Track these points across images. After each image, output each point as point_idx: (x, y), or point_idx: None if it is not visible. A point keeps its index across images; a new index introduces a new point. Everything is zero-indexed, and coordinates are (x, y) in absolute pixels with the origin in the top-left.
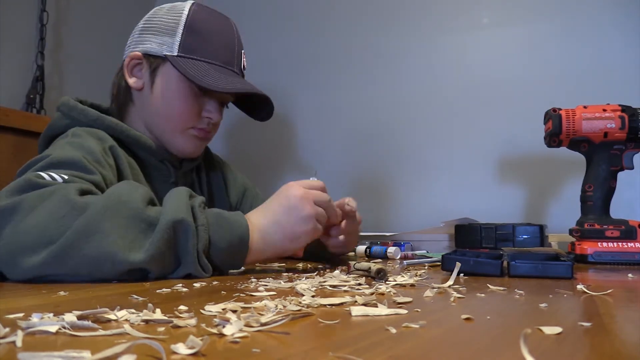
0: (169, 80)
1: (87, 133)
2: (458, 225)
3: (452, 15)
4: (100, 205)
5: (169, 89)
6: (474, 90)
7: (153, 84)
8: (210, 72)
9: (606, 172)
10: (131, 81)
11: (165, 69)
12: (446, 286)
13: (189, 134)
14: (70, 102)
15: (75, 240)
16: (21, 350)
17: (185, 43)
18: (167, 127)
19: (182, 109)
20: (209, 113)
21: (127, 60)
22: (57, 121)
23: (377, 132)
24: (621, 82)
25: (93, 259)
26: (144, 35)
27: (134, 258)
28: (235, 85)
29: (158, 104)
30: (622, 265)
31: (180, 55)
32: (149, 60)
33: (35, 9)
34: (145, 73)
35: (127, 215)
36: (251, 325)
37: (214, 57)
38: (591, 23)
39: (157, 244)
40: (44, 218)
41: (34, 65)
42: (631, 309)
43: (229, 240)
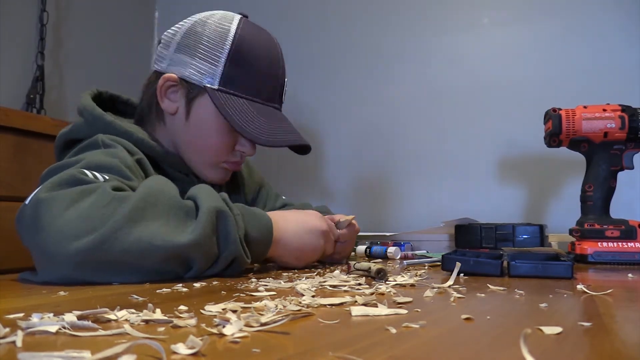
0: (206, 112)
1: (117, 142)
2: (458, 225)
3: (452, 15)
4: (140, 195)
5: (206, 121)
6: (473, 90)
7: (189, 113)
8: (252, 116)
9: (606, 172)
10: (164, 105)
11: (204, 101)
12: (446, 286)
13: (220, 167)
14: (96, 111)
15: (120, 226)
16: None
17: (227, 74)
18: (199, 158)
19: (218, 145)
20: (242, 147)
21: (161, 81)
22: (80, 128)
23: (377, 132)
24: (621, 82)
25: (140, 243)
26: (183, 56)
27: (180, 240)
28: (279, 138)
29: (192, 135)
30: (622, 265)
31: (221, 89)
32: (186, 87)
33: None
34: (182, 99)
35: (166, 203)
36: (251, 325)
37: (257, 93)
38: (591, 23)
39: (202, 227)
40: (87, 208)
41: (34, 65)
42: (631, 309)
43: (259, 230)
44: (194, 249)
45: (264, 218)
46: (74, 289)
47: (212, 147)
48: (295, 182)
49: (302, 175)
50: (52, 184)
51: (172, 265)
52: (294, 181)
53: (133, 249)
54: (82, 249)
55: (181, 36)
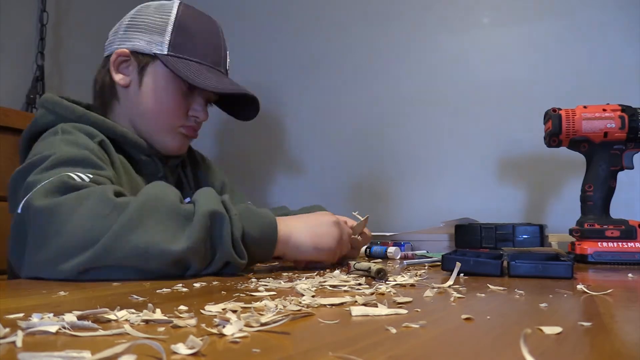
0: (158, 78)
1: (76, 129)
2: (458, 225)
3: (452, 15)
4: (139, 203)
5: (158, 87)
6: (474, 90)
7: (141, 81)
8: (201, 71)
9: (606, 172)
10: (117, 78)
11: (155, 68)
12: (446, 286)
13: (176, 132)
14: (55, 98)
15: (120, 234)
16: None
17: (175, 42)
18: (156, 125)
19: (172, 108)
20: (195, 112)
21: (114, 57)
22: (41, 118)
23: (377, 132)
24: (621, 82)
25: (139, 250)
26: (131, 33)
27: (176, 247)
28: (227, 87)
29: (146, 102)
30: (622, 265)
31: (170, 54)
32: (137, 58)
33: (35, 9)
34: (133, 71)
35: (164, 211)
36: (251, 325)
37: (203, 57)
38: (591, 23)
39: (196, 233)
40: (88, 218)
41: (34, 65)
42: (631, 309)
43: (260, 229)
44: (189, 253)
45: (267, 217)
46: (74, 289)
47: (167, 111)
48: (295, 182)
49: (302, 175)
50: (45, 190)
51: (170, 268)
52: (293, 181)
53: (131, 256)
54: (83, 261)
55: (128, 20)
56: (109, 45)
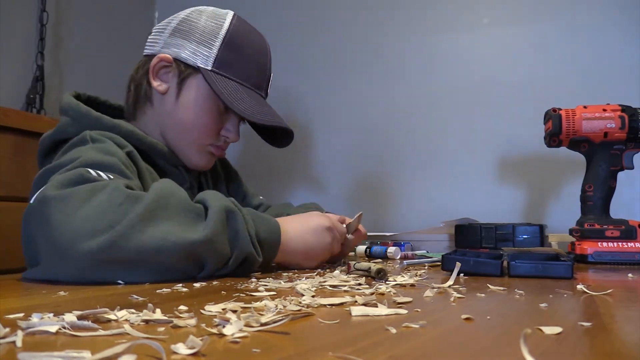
0: (197, 92)
1: (106, 137)
2: (458, 225)
3: (452, 15)
4: (154, 195)
5: (196, 102)
6: (474, 90)
7: (180, 92)
8: (242, 96)
9: (606, 172)
10: (155, 84)
11: (196, 81)
12: (446, 286)
13: (205, 151)
14: (82, 108)
15: (134, 224)
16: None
17: (221, 57)
18: (186, 139)
19: (206, 125)
20: (228, 132)
21: (155, 60)
22: (67, 127)
23: (377, 131)
24: (621, 82)
25: (154, 240)
26: (177, 39)
27: (193, 237)
28: (267, 118)
29: (181, 115)
30: (622, 265)
31: (214, 71)
32: (180, 68)
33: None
34: (173, 79)
35: (177, 206)
36: (251, 325)
37: (247, 79)
38: (591, 23)
39: (213, 225)
40: (101, 206)
41: (34, 65)
42: (631, 309)
43: (268, 232)
44: (207, 246)
45: (271, 220)
46: (74, 289)
47: (200, 127)
48: (295, 182)
49: (302, 175)
50: (59, 182)
51: (185, 263)
52: (293, 181)
53: (147, 247)
54: (96, 248)
55: (177, 23)
56: (152, 44)
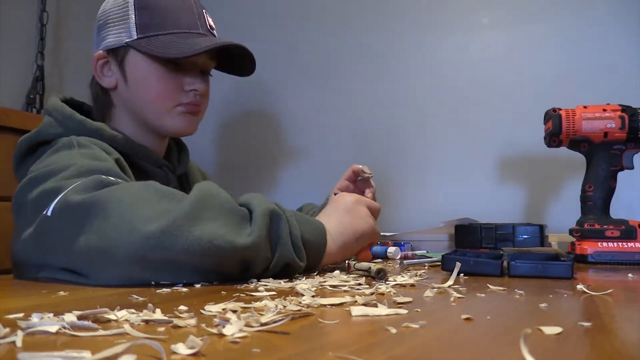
0: (138, 65)
1: (92, 143)
2: (458, 225)
3: (452, 15)
4: (194, 195)
5: (141, 74)
6: (474, 90)
7: (125, 76)
8: (174, 42)
9: (606, 172)
10: (105, 82)
11: (131, 56)
12: (446, 286)
13: (176, 112)
14: (66, 110)
15: (181, 223)
16: (21, 350)
17: (140, 23)
18: (153, 112)
19: (161, 89)
20: (191, 85)
21: (94, 62)
22: (49, 128)
23: (377, 131)
24: (621, 82)
25: (201, 242)
26: (102, 33)
27: (240, 241)
28: (201, 45)
29: (137, 93)
30: (622, 265)
31: (140, 37)
32: (114, 55)
33: (35, 9)
34: (115, 68)
35: (220, 207)
36: (251, 325)
37: (175, 26)
38: (591, 23)
39: (259, 229)
40: (137, 204)
41: (34, 65)
42: (631, 309)
43: (313, 234)
44: (253, 251)
45: (316, 222)
46: (74, 289)
47: (159, 94)
48: (295, 182)
49: (301, 174)
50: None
51: (231, 266)
52: (293, 181)
53: (194, 248)
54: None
55: (97, 22)
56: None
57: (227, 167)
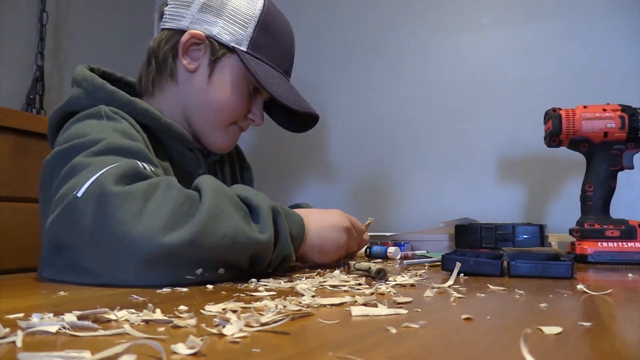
0: (232, 73)
1: (120, 116)
2: (458, 225)
3: (452, 14)
4: (208, 192)
5: (230, 82)
6: (473, 90)
7: (212, 72)
8: (277, 80)
9: (606, 172)
10: (185, 61)
11: (230, 61)
12: (446, 286)
13: (230, 129)
14: (96, 80)
15: (207, 220)
16: (21, 350)
17: (256, 39)
18: (213, 119)
19: (237, 106)
20: (254, 115)
21: (187, 37)
22: (78, 99)
23: (377, 131)
24: (621, 82)
25: (226, 239)
26: (207, 15)
27: (260, 237)
28: (301, 104)
29: (213, 95)
30: (622, 265)
31: (249, 52)
32: (214, 47)
33: (35, 9)
34: (204, 58)
35: (230, 202)
36: (251, 325)
37: (278, 63)
38: (591, 23)
39: (269, 226)
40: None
41: (34, 65)
42: (631, 309)
43: (296, 228)
44: (266, 246)
45: (297, 216)
46: (74, 289)
47: (232, 107)
48: (295, 182)
49: (302, 174)
50: (117, 176)
51: (247, 261)
52: (293, 181)
53: (220, 245)
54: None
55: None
56: (176, 18)
57: None
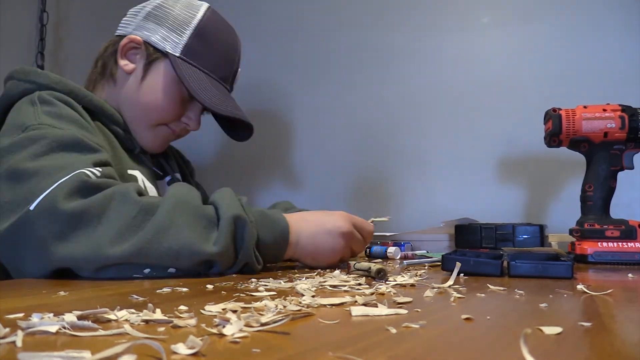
0: (163, 77)
1: (53, 97)
2: (458, 225)
3: (452, 15)
4: (167, 204)
5: (160, 85)
6: (473, 90)
7: (145, 74)
8: (207, 85)
9: (606, 172)
10: (122, 63)
11: (162, 65)
12: (446, 286)
13: (159, 130)
14: (26, 67)
15: (154, 234)
16: (21, 350)
17: (190, 46)
18: (142, 118)
19: (167, 109)
20: (189, 120)
21: (126, 41)
22: (14, 88)
23: (377, 131)
24: (621, 82)
25: (170, 252)
26: (149, 23)
27: (209, 249)
28: (228, 109)
29: (143, 96)
30: (622, 265)
31: (181, 57)
32: (148, 50)
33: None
34: (140, 61)
35: (191, 213)
36: (251, 325)
37: (214, 70)
38: (591, 23)
39: (224, 238)
40: (118, 220)
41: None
42: (631, 309)
43: (273, 236)
44: (218, 257)
45: (280, 223)
46: (74, 289)
47: (160, 110)
48: (294, 181)
49: (301, 174)
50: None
51: (199, 268)
52: (292, 180)
53: (164, 257)
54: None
55: (152, 7)
56: (124, 26)
57: (226, 165)
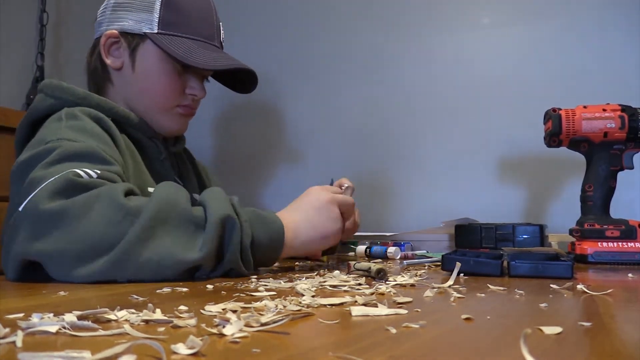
0: (150, 58)
1: (82, 112)
2: (458, 225)
3: (452, 15)
4: (151, 210)
5: (152, 67)
6: (473, 90)
7: (134, 63)
8: (193, 48)
9: (606, 172)
10: (109, 61)
11: (146, 47)
12: (446, 286)
13: (174, 113)
14: (53, 82)
15: (133, 247)
16: (21, 351)
17: (164, 19)
18: (152, 106)
19: (166, 87)
20: (192, 90)
21: (103, 39)
22: (41, 102)
23: (377, 131)
24: (621, 82)
25: (153, 263)
26: (119, 13)
27: (191, 257)
28: (222, 62)
29: (141, 83)
30: (622, 265)
31: (160, 32)
32: (127, 39)
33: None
34: (124, 52)
35: (176, 218)
36: (251, 325)
37: (195, 33)
38: (591, 23)
39: (210, 242)
40: (100, 225)
41: (34, 65)
42: (631, 309)
43: (269, 237)
44: (203, 261)
45: (275, 223)
46: (74, 289)
47: (162, 90)
48: (294, 181)
49: (301, 174)
50: (52, 192)
51: (182, 275)
52: (292, 180)
53: (144, 268)
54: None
55: (112, 0)
56: (98, 26)
57: (224, 164)
